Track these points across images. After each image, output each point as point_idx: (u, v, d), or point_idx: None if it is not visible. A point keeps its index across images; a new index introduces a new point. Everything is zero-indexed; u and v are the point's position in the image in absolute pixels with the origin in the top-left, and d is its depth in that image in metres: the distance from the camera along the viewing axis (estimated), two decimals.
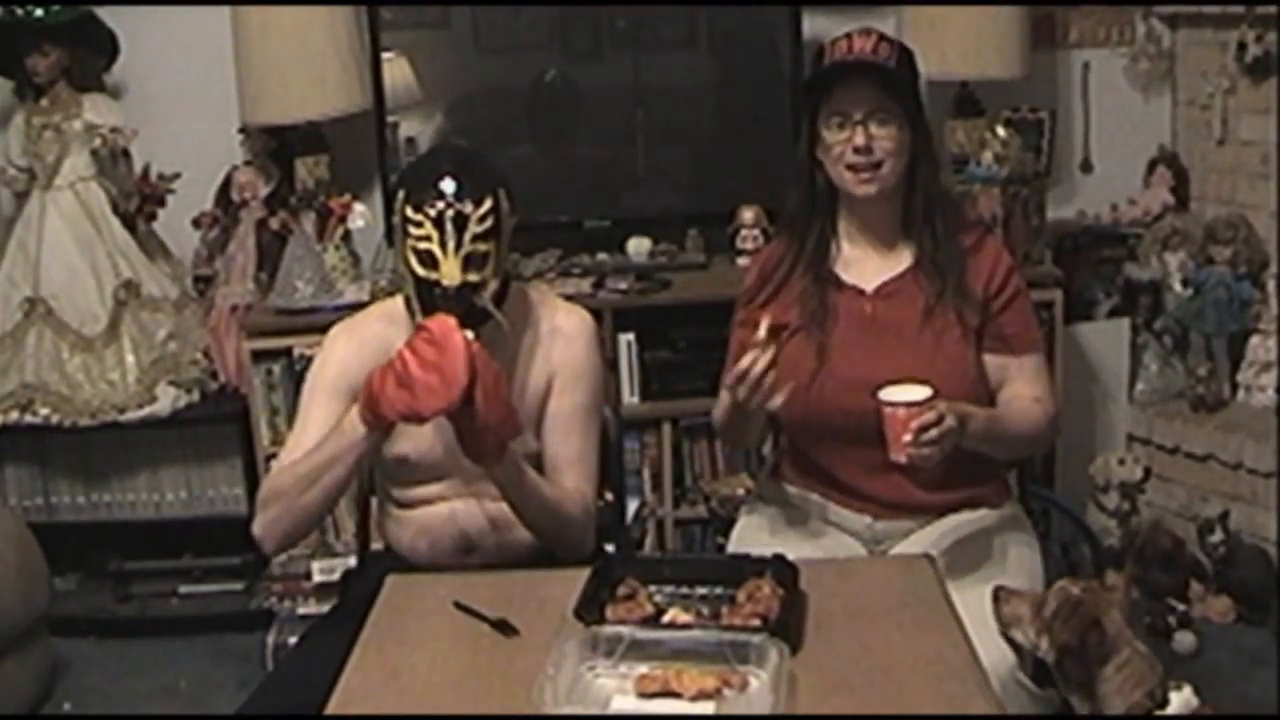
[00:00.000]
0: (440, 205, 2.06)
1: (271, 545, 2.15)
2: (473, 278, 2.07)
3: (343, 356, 2.19)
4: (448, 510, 2.24)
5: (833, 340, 2.24)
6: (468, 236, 2.06)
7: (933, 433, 1.96)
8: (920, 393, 1.98)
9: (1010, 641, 2.03)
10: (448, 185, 2.06)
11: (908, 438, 1.96)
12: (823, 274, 2.28)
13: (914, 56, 2.28)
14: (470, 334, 1.96)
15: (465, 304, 2.06)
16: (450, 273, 2.06)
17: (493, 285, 2.11)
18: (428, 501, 2.25)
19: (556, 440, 2.23)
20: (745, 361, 2.05)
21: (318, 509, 2.11)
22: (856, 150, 2.17)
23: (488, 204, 2.08)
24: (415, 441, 2.18)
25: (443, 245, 2.06)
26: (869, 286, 2.27)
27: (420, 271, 2.07)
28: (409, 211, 2.07)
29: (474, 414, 1.96)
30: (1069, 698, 1.96)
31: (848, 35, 2.25)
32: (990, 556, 2.23)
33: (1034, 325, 2.33)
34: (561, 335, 2.25)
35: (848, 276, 2.29)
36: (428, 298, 2.08)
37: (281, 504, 2.10)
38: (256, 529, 2.13)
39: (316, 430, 2.13)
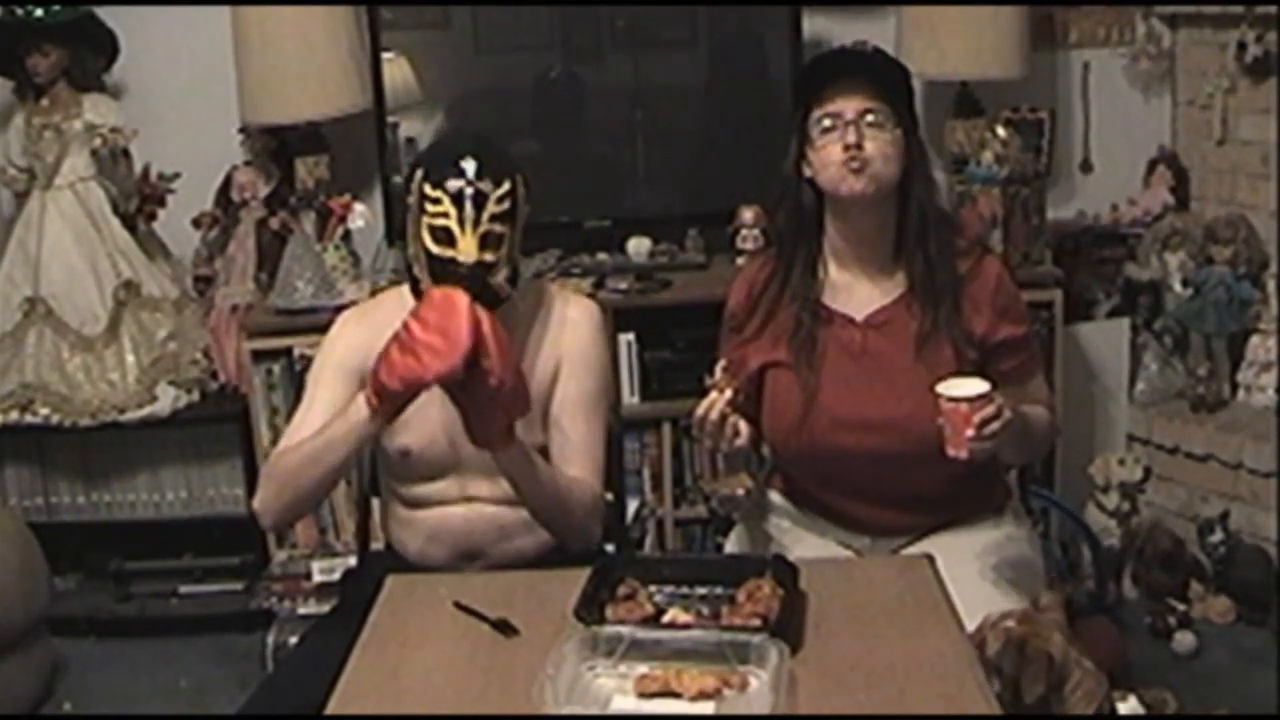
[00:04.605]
0: (460, 183, 2.06)
1: (270, 521, 2.17)
2: (488, 257, 2.07)
3: (352, 338, 2.19)
4: (450, 516, 2.23)
5: (822, 376, 2.19)
6: (485, 215, 2.07)
7: (995, 425, 1.94)
8: (979, 386, 1.97)
9: None
10: (468, 164, 2.07)
11: (970, 432, 1.93)
12: (810, 304, 2.21)
13: (909, 73, 2.23)
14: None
15: (479, 282, 2.06)
16: (467, 249, 2.05)
17: (505, 271, 2.11)
18: (430, 503, 2.25)
19: (564, 427, 2.22)
20: (701, 408, 2.04)
21: (317, 489, 2.12)
22: (846, 148, 2.10)
23: (506, 185, 2.09)
24: (418, 434, 2.18)
25: (461, 223, 2.06)
26: (859, 315, 2.21)
27: (435, 249, 2.07)
28: (427, 189, 2.08)
29: (481, 386, 1.95)
30: None
31: (841, 47, 2.22)
32: (990, 567, 2.20)
33: (1035, 348, 2.28)
34: (569, 323, 2.25)
35: (836, 304, 2.22)
36: (441, 275, 2.07)
37: (282, 480, 2.11)
38: (256, 503, 2.15)
39: (321, 410, 2.13)
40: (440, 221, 2.07)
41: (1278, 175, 3.48)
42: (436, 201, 2.07)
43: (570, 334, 2.24)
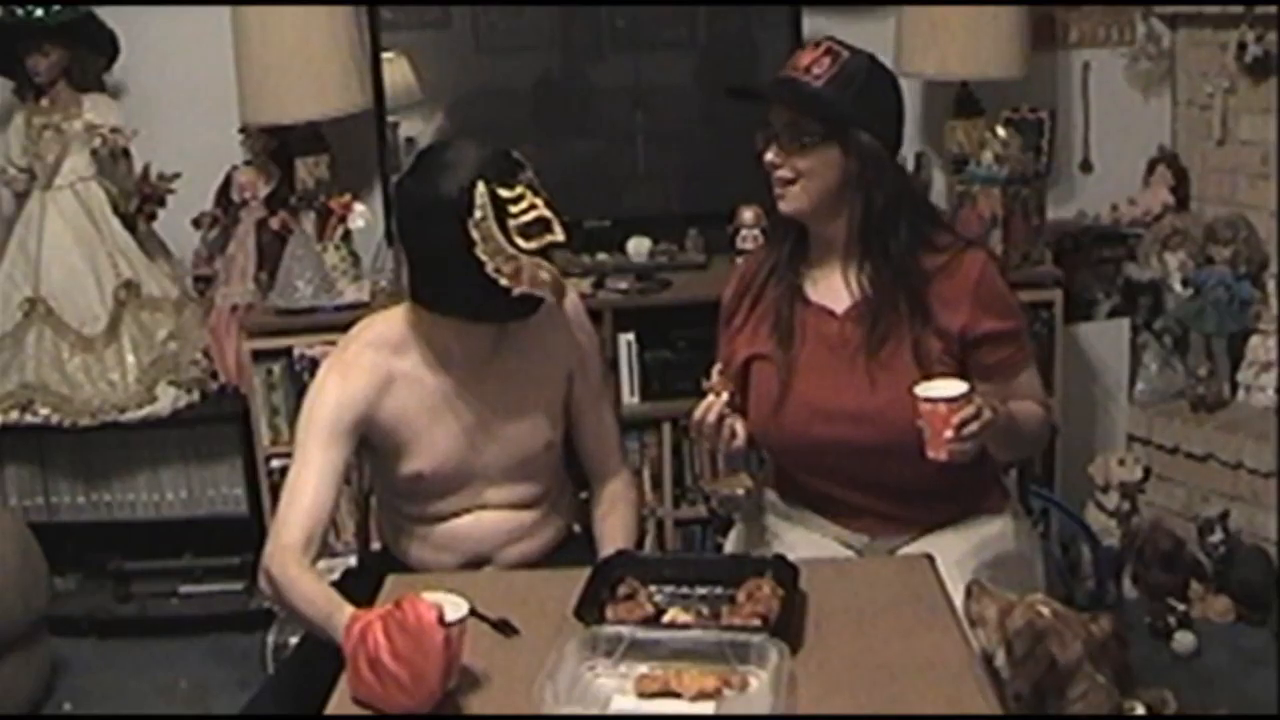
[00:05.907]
0: (529, 173, 2.08)
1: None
2: None
3: (337, 398, 2.12)
4: (460, 526, 2.22)
5: (799, 363, 2.19)
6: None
7: (974, 426, 1.93)
8: (958, 387, 1.95)
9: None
10: (518, 155, 2.10)
11: (949, 434, 1.92)
12: (792, 287, 2.22)
13: (871, 73, 2.15)
14: (460, 608, 1.74)
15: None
16: (560, 229, 2.09)
17: None
18: (441, 517, 2.23)
19: (593, 421, 2.31)
20: (699, 412, 2.07)
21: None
22: (773, 165, 2.14)
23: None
24: (429, 458, 2.17)
25: (549, 206, 2.08)
26: (839, 308, 2.20)
27: (531, 244, 2.05)
28: (503, 192, 2.03)
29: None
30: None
31: (803, 48, 2.18)
32: (990, 567, 2.19)
33: (1022, 341, 2.23)
34: (566, 321, 2.26)
35: (815, 294, 2.22)
36: (549, 260, 2.08)
37: (276, 598, 2.05)
38: (259, 581, 2.10)
39: (314, 477, 2.08)
40: (533, 214, 2.06)
41: (1278, 175, 3.48)
42: (520, 199, 2.05)
43: (567, 338, 2.26)
